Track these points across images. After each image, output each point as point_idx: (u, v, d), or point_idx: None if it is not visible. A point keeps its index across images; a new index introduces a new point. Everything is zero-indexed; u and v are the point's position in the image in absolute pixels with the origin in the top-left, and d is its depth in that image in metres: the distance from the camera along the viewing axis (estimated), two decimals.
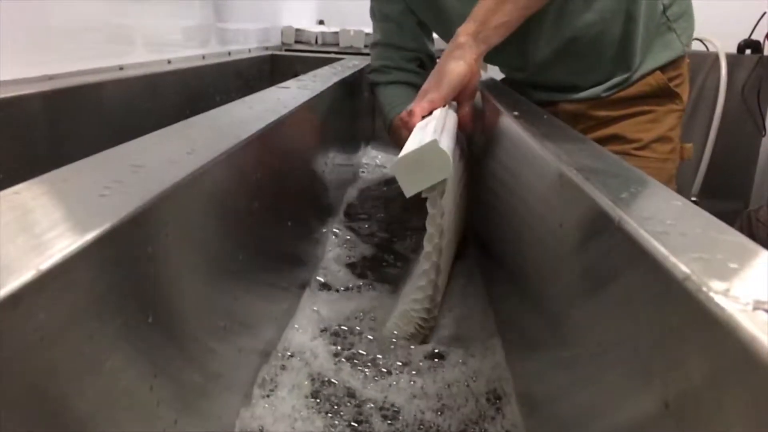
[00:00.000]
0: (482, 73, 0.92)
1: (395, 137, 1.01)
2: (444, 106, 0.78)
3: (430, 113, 0.77)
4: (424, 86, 0.81)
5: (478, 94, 0.90)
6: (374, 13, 1.13)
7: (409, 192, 0.59)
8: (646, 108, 0.94)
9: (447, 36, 1.03)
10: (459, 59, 0.78)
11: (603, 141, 0.88)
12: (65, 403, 0.25)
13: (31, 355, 0.23)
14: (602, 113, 0.95)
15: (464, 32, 0.79)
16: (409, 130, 0.71)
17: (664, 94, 0.94)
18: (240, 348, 0.50)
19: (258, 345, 0.56)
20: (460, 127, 0.82)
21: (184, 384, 0.39)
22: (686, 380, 0.24)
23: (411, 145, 0.61)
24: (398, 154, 0.60)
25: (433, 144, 0.57)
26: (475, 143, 0.94)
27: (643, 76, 0.93)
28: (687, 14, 0.97)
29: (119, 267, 0.29)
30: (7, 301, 0.21)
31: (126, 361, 0.30)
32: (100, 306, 0.28)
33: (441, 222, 0.61)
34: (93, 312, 0.27)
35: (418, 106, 0.77)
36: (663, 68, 0.93)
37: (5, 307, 0.21)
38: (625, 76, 0.93)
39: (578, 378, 0.38)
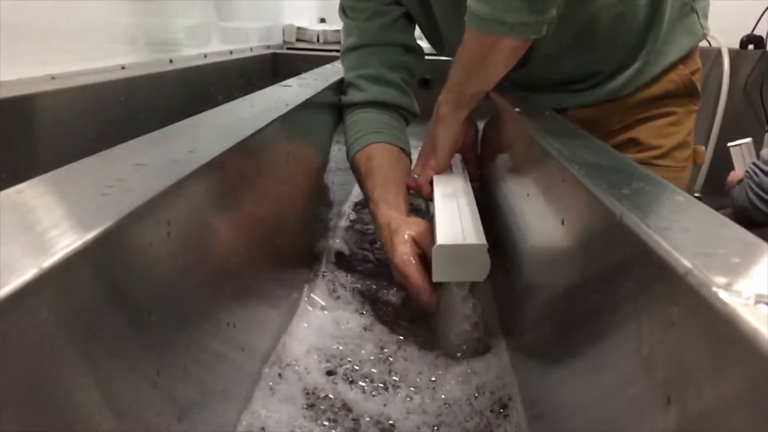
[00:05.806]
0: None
1: (356, 173, 0.88)
2: (449, 166, 0.84)
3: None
4: (421, 151, 0.84)
5: None
6: (345, 11, 0.92)
7: (438, 278, 0.59)
8: (665, 109, 0.85)
9: (431, 37, 0.93)
10: (446, 129, 0.79)
11: (617, 148, 0.78)
12: (68, 402, 0.26)
13: (33, 353, 0.23)
14: (616, 120, 0.86)
15: (444, 103, 0.78)
16: (425, 196, 0.81)
17: (688, 93, 0.85)
18: (243, 345, 0.50)
19: (262, 341, 0.57)
20: (468, 172, 0.86)
21: (188, 380, 0.39)
22: (688, 374, 0.24)
23: (450, 227, 0.61)
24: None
25: (482, 248, 0.58)
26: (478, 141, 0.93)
27: (665, 71, 0.83)
28: None
29: (121, 265, 0.29)
30: (9, 300, 0.21)
31: (129, 358, 0.30)
32: (102, 304, 0.28)
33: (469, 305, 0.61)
34: (95, 310, 0.27)
35: (423, 177, 0.81)
36: (684, 60, 0.84)
37: (7, 305, 0.21)
38: (639, 64, 0.82)
39: (579, 372, 0.38)
